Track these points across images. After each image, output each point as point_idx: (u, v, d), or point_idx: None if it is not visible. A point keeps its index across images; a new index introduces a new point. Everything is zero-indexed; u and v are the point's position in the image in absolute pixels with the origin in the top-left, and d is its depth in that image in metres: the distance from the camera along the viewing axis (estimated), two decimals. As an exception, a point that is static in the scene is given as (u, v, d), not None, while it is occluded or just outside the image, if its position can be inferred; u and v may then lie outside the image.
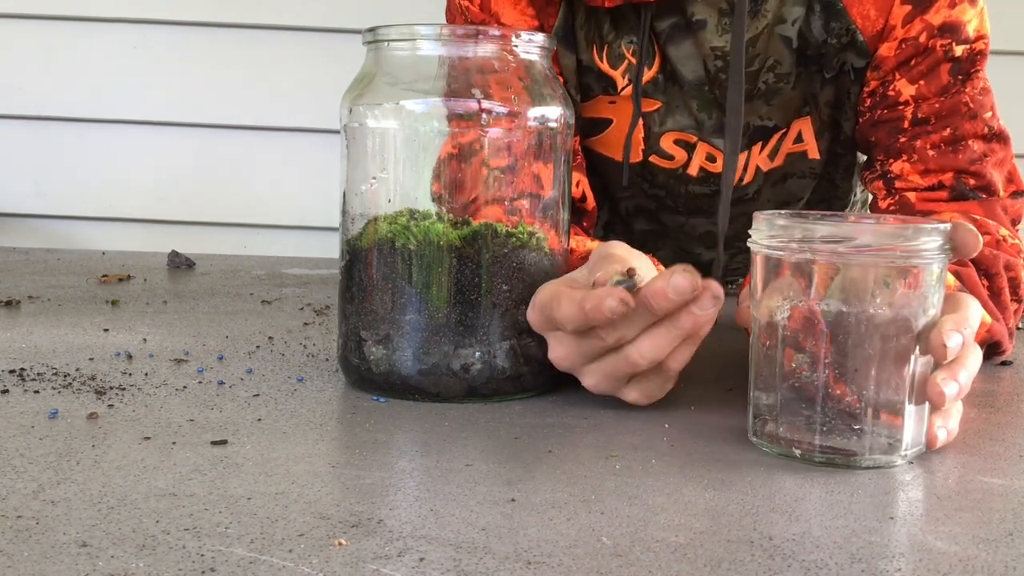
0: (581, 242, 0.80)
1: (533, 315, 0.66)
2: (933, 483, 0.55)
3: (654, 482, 0.53)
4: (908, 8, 0.89)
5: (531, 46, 0.69)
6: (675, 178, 1.00)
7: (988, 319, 0.79)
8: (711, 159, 0.98)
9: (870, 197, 0.97)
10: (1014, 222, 0.92)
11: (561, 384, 0.73)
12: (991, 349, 0.84)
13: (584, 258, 0.75)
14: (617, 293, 0.60)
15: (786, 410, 0.58)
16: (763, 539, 0.46)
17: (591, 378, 0.66)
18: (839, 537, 0.47)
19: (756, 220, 0.59)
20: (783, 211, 0.62)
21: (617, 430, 0.63)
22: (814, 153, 0.99)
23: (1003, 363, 0.86)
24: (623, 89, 0.95)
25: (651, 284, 0.60)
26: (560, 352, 0.65)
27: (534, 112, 0.68)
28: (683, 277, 0.60)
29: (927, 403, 0.57)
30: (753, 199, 1.03)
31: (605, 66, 0.95)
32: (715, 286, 0.61)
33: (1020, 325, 1.02)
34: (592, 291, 0.61)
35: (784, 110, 0.96)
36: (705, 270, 1.16)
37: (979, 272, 0.81)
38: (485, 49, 0.68)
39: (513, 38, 0.68)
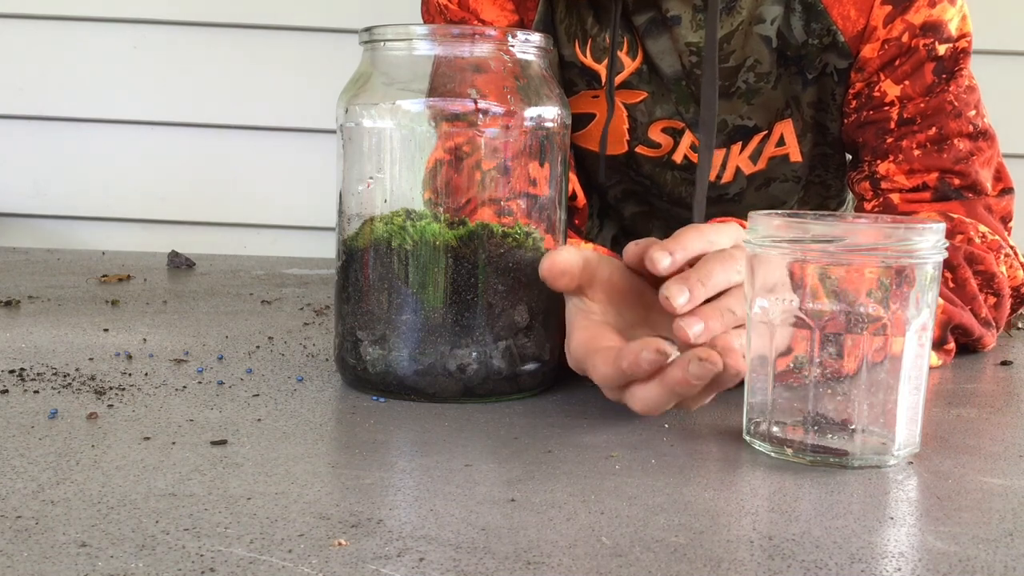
0: (575, 244, 0.80)
1: (572, 363, 0.66)
2: (932, 483, 0.55)
3: (654, 482, 0.53)
4: (888, 8, 0.89)
5: (527, 46, 0.69)
6: (660, 165, 1.01)
7: (940, 301, 0.79)
8: (695, 148, 0.98)
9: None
10: (1004, 220, 0.93)
11: (560, 384, 0.73)
12: (964, 336, 0.85)
13: None
14: (652, 344, 0.58)
15: (778, 410, 0.58)
16: (763, 539, 0.46)
17: None
18: (839, 537, 0.47)
19: (750, 220, 0.59)
20: (777, 211, 0.62)
21: (617, 430, 0.63)
22: (796, 156, 0.99)
23: (1003, 363, 0.86)
24: (607, 83, 0.95)
25: (673, 373, 0.58)
26: (612, 397, 0.65)
27: (530, 112, 0.68)
28: (700, 367, 0.57)
29: (920, 402, 0.58)
30: (735, 200, 1.03)
31: (588, 60, 0.95)
32: (709, 355, 0.58)
33: (1020, 325, 1.02)
34: (627, 346, 0.60)
35: (765, 110, 0.96)
36: None
37: None
38: (481, 49, 0.67)
39: (509, 38, 0.68)
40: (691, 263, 0.63)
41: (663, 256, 0.62)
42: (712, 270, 0.62)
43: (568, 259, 0.65)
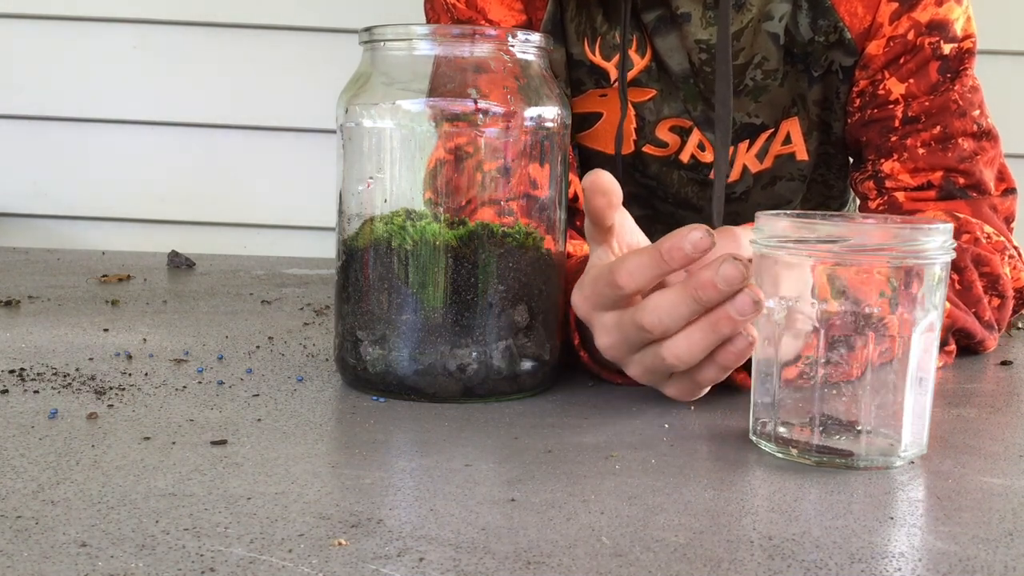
0: (578, 246, 0.80)
1: (580, 297, 0.65)
2: (933, 483, 0.55)
3: (654, 482, 0.53)
4: (895, 6, 0.89)
5: (528, 46, 0.69)
6: (667, 165, 1.01)
7: (947, 305, 0.79)
8: (702, 147, 0.98)
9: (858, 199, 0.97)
10: (1007, 220, 0.93)
11: (560, 384, 0.73)
12: (966, 339, 0.84)
13: (581, 262, 0.75)
14: (700, 225, 0.58)
15: (784, 410, 0.58)
16: (763, 539, 0.46)
17: (634, 369, 0.65)
18: (839, 537, 0.47)
19: (757, 220, 0.59)
20: (784, 211, 0.62)
21: (617, 430, 0.63)
22: (802, 155, 0.99)
23: (1003, 363, 0.86)
24: (616, 81, 0.95)
25: (700, 274, 0.58)
26: (606, 340, 0.64)
27: (530, 112, 0.68)
28: (733, 266, 0.57)
29: (927, 403, 0.58)
30: (741, 199, 1.03)
31: (597, 58, 0.95)
32: (755, 290, 0.58)
33: (1021, 325, 1.02)
34: (671, 232, 0.60)
35: (771, 108, 0.96)
36: None
37: None
38: (481, 49, 0.67)
39: (509, 38, 0.68)
40: None
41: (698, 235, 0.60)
42: None
43: (611, 182, 0.64)
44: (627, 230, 0.67)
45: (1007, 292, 0.87)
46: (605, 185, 0.64)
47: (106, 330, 0.89)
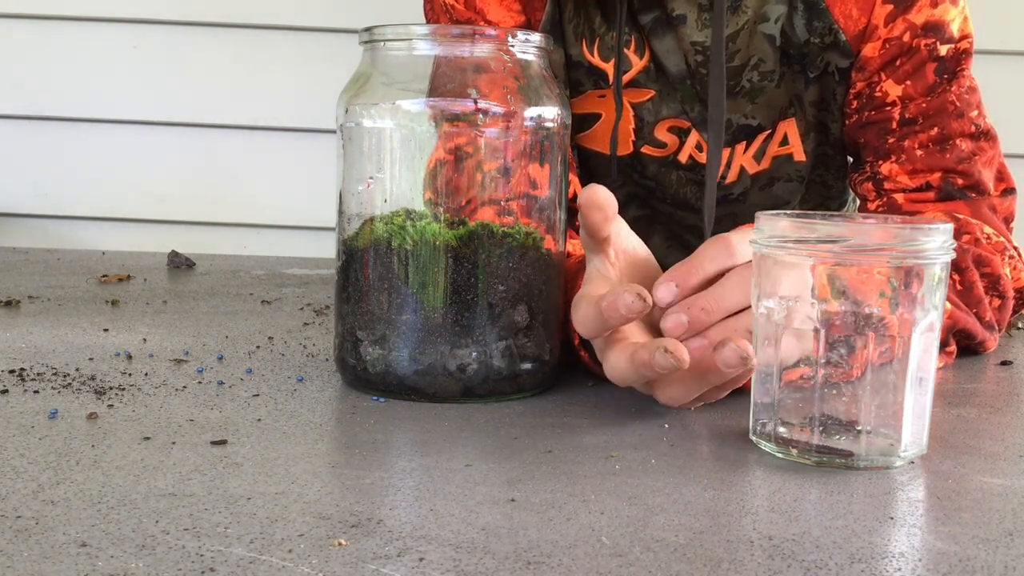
0: (578, 246, 0.80)
1: (575, 318, 0.66)
2: (933, 483, 0.55)
3: (654, 482, 0.53)
4: (890, 8, 0.89)
5: (528, 46, 0.69)
6: (665, 165, 1.01)
7: (948, 306, 0.80)
8: (700, 148, 0.99)
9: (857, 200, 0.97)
10: (1007, 220, 0.93)
11: (560, 384, 0.73)
12: (967, 340, 0.84)
13: (581, 261, 0.75)
14: (634, 288, 0.59)
15: (784, 410, 0.58)
16: (763, 539, 0.46)
17: (632, 385, 0.66)
18: (839, 537, 0.47)
19: (757, 220, 0.59)
20: (784, 211, 0.62)
21: (617, 430, 0.63)
22: (800, 156, 0.99)
23: (1003, 363, 0.86)
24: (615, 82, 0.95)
25: (639, 353, 0.59)
26: (602, 363, 0.65)
27: (530, 112, 0.68)
28: (664, 358, 0.57)
29: (927, 404, 0.58)
30: (739, 200, 1.03)
31: (596, 59, 0.95)
32: (743, 344, 0.58)
33: (1021, 325, 1.02)
34: (611, 289, 0.61)
35: (768, 109, 0.96)
36: None
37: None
38: (481, 49, 0.67)
39: (509, 38, 0.68)
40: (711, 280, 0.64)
41: (665, 288, 0.62)
42: (725, 294, 0.62)
43: (607, 196, 0.65)
44: (623, 238, 0.68)
45: (1007, 292, 0.87)
46: (600, 200, 0.64)
47: (106, 330, 0.89)
